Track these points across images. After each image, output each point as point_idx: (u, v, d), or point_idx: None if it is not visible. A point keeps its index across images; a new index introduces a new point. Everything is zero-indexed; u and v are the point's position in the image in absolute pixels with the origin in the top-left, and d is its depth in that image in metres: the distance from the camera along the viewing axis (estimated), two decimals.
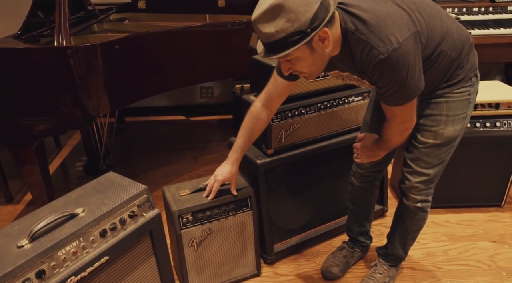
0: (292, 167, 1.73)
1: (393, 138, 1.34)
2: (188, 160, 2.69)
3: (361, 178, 1.64)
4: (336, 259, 1.75)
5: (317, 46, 1.08)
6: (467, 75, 1.29)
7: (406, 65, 1.09)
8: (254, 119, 1.45)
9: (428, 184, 1.44)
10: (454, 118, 1.32)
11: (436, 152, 1.37)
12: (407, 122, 1.26)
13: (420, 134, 1.36)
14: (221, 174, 1.51)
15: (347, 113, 1.80)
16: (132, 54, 1.79)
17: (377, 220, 2.07)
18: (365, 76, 1.19)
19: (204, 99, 3.35)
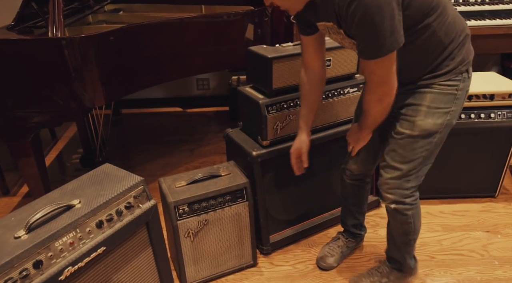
0: (288, 158, 1.73)
1: (372, 106, 1.24)
2: (185, 152, 2.69)
3: (351, 176, 1.63)
4: (331, 250, 1.76)
5: None
6: (457, 69, 1.23)
7: (381, 9, 1.03)
8: (303, 86, 1.47)
9: (401, 182, 1.34)
10: (435, 111, 1.25)
11: (411, 145, 1.29)
12: (385, 84, 1.15)
13: (398, 124, 1.31)
14: (295, 148, 1.53)
15: (343, 105, 1.80)
16: (127, 46, 1.78)
17: (372, 210, 2.09)
18: (343, 25, 1.14)
19: (200, 91, 3.35)
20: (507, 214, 2.06)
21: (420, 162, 1.32)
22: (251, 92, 1.70)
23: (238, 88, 1.77)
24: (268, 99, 1.61)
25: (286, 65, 1.59)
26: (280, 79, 1.61)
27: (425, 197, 2.14)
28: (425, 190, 2.11)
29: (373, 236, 1.92)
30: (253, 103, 1.64)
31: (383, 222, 2.00)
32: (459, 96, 1.27)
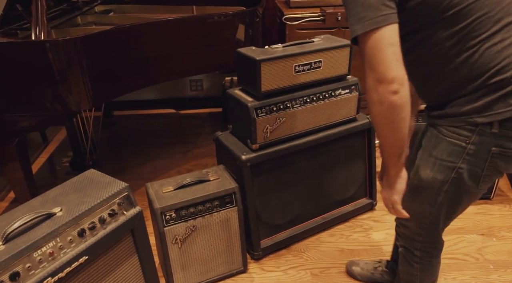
0: (279, 161, 1.71)
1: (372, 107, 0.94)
2: (177, 154, 2.66)
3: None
4: (366, 264, 1.68)
5: None
6: (472, 117, 0.93)
7: None
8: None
9: (411, 233, 1.18)
10: (436, 161, 1.01)
11: (413, 196, 1.09)
12: (373, 70, 0.89)
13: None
14: None
15: (334, 107, 1.77)
16: (116, 48, 1.74)
17: (365, 213, 2.06)
18: None
19: (193, 92, 3.31)
20: (502, 216, 2.03)
21: (427, 217, 1.10)
22: (240, 94, 1.67)
23: (227, 91, 1.74)
24: (257, 102, 1.58)
25: (275, 67, 1.56)
26: (269, 81, 1.58)
27: None
28: None
29: (365, 240, 1.89)
30: (242, 106, 1.61)
31: (376, 226, 1.97)
32: (471, 151, 0.96)
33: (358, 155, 1.95)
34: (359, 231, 1.94)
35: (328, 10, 2.32)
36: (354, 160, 1.95)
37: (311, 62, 1.64)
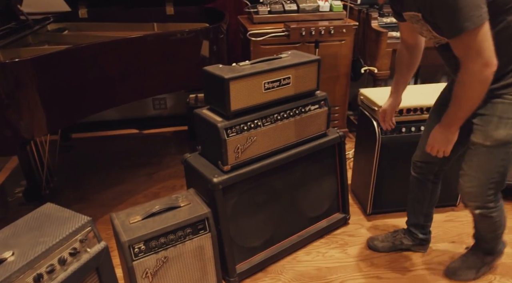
0: (251, 182, 1.65)
1: (469, 87, 1.21)
2: (142, 177, 2.53)
3: (415, 168, 1.70)
4: (385, 237, 1.88)
5: None
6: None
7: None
8: (403, 56, 1.59)
9: (481, 190, 1.41)
10: (507, 121, 1.30)
11: (487, 155, 1.35)
12: (481, 56, 1.15)
13: (472, 134, 1.37)
14: (383, 109, 1.71)
15: (305, 123, 1.75)
16: (72, 69, 1.63)
17: (339, 228, 2.03)
18: (422, 11, 1.23)
19: (157, 110, 3.20)
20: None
21: (497, 171, 1.37)
22: (208, 114, 1.60)
23: (194, 111, 1.67)
24: (227, 122, 1.52)
25: (244, 85, 1.52)
26: (239, 100, 1.53)
27: (390, 210, 2.12)
28: (389, 204, 2.10)
29: (342, 256, 1.86)
30: (211, 127, 1.54)
31: (352, 241, 1.95)
32: None
33: (329, 170, 1.94)
34: (335, 247, 1.91)
35: (292, 26, 2.32)
36: (326, 175, 1.93)
37: (280, 79, 1.61)
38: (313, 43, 2.43)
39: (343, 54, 2.58)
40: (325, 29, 2.36)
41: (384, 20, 2.54)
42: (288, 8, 2.49)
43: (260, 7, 2.48)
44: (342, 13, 2.57)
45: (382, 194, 2.06)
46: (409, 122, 1.94)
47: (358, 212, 2.16)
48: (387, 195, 2.07)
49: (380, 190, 2.04)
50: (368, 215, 2.12)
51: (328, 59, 2.54)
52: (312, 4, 2.52)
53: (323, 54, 2.49)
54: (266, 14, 2.48)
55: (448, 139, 1.38)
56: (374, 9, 2.58)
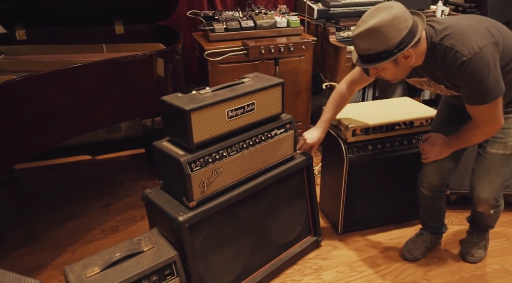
0: (219, 215, 1.55)
1: (476, 138, 1.51)
2: (98, 209, 2.34)
3: (430, 188, 1.76)
4: (416, 243, 1.91)
5: (401, 62, 1.36)
6: None
7: (486, 67, 1.29)
8: (341, 98, 1.79)
9: (498, 193, 1.60)
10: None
11: (506, 162, 1.55)
12: (494, 122, 1.41)
13: (489, 146, 1.55)
14: (310, 138, 1.80)
15: (272, 148, 1.67)
16: (8, 104, 1.45)
17: (312, 252, 1.97)
18: (444, 81, 1.42)
19: (110, 134, 3.00)
20: None
21: (510, 174, 1.59)
22: (169, 147, 1.49)
23: (153, 144, 1.54)
24: (190, 155, 1.41)
25: (206, 115, 1.42)
26: (202, 131, 1.42)
27: (361, 228, 2.10)
28: (360, 222, 2.08)
29: None
30: (173, 161, 1.43)
31: (325, 265, 1.89)
32: None
33: (299, 194, 1.87)
34: (309, 273, 1.85)
35: (251, 44, 2.25)
36: (296, 199, 1.86)
37: (244, 106, 1.53)
38: (273, 60, 2.38)
39: (303, 70, 2.55)
40: (284, 46, 2.31)
41: (342, 35, 2.55)
42: (245, 25, 2.42)
43: (216, 25, 2.39)
44: (300, 29, 2.54)
45: (353, 212, 2.03)
46: (375, 140, 1.93)
47: (329, 232, 2.11)
48: (357, 213, 2.04)
49: (350, 208, 2.01)
50: (340, 234, 2.08)
51: (289, 75, 2.50)
52: (269, 20, 2.47)
53: (283, 71, 2.45)
54: (223, 32, 2.40)
55: (442, 153, 1.64)
56: (331, 24, 2.57)
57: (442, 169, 1.69)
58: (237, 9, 2.59)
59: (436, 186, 1.75)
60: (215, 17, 2.49)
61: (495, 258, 1.91)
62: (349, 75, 1.78)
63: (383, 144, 1.94)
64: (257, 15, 2.48)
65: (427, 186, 1.76)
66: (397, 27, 1.27)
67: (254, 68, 2.40)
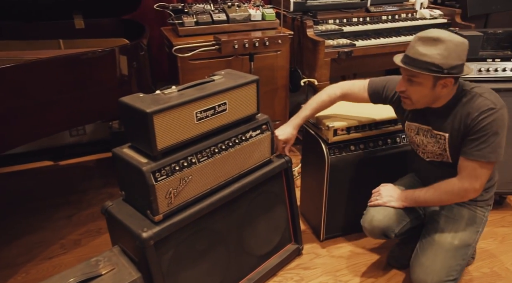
0: (189, 228, 1.39)
1: (447, 193, 1.42)
2: (60, 221, 2.13)
3: (372, 233, 1.61)
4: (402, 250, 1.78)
5: (438, 87, 1.34)
6: (488, 201, 1.54)
7: (504, 125, 1.33)
8: (329, 101, 1.71)
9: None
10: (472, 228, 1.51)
11: (452, 253, 1.47)
12: (476, 183, 1.37)
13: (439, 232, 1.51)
14: (282, 134, 1.68)
15: (247, 152, 1.52)
16: None
17: (293, 261, 1.84)
18: (452, 130, 1.39)
19: (74, 137, 2.78)
20: None
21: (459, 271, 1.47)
22: (130, 155, 1.31)
23: (113, 151, 1.37)
24: (154, 164, 1.25)
25: (171, 118, 1.25)
26: (167, 136, 1.26)
27: (343, 233, 1.97)
28: (342, 227, 1.95)
29: None
30: (134, 171, 1.26)
31: (308, 275, 1.76)
32: (484, 222, 1.55)
33: (277, 199, 1.73)
34: None
35: (223, 38, 2.08)
36: (274, 205, 1.72)
37: (214, 106, 1.37)
38: (247, 56, 2.22)
39: (280, 65, 2.40)
40: (259, 40, 2.16)
41: (320, 28, 2.41)
42: (217, 19, 2.26)
43: (186, 18, 2.21)
44: (275, 22, 2.39)
45: (335, 217, 1.90)
46: (358, 140, 1.81)
47: (311, 238, 1.98)
48: (340, 217, 1.92)
49: (332, 213, 1.88)
50: (322, 241, 1.95)
51: (265, 71, 2.35)
52: (242, 13, 2.31)
53: (258, 67, 2.30)
54: (193, 26, 2.22)
55: (391, 200, 1.56)
56: (308, 17, 2.44)
57: (390, 213, 1.55)
58: (208, 1, 2.42)
59: (379, 232, 1.57)
60: (184, 10, 2.32)
61: (483, 261, 1.82)
62: (348, 84, 1.70)
63: (366, 143, 1.82)
64: (230, 7, 2.32)
65: (369, 230, 1.59)
66: (459, 53, 1.30)
67: (228, 65, 2.24)
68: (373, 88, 1.64)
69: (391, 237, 1.58)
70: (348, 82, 1.72)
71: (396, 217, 1.55)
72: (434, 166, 1.54)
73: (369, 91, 1.64)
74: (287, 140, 1.70)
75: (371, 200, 1.62)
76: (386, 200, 1.57)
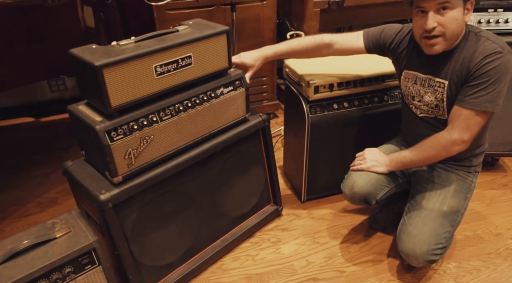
0: (154, 190, 1.33)
1: (434, 148, 1.34)
2: (37, 178, 2.09)
3: (352, 199, 1.53)
4: (383, 212, 1.73)
5: (465, 13, 1.24)
6: (476, 167, 1.48)
7: (507, 72, 1.23)
8: (312, 41, 1.55)
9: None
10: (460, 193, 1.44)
11: (440, 220, 1.40)
12: (466, 134, 1.28)
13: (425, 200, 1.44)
14: (246, 57, 1.54)
15: (217, 110, 1.42)
16: None
17: (272, 222, 1.80)
18: (451, 77, 1.29)
19: (55, 93, 2.69)
20: None
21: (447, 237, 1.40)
22: (85, 113, 1.22)
23: (68, 108, 1.28)
24: (109, 122, 1.16)
25: (126, 72, 1.14)
26: (122, 92, 1.16)
27: (325, 195, 1.91)
28: (324, 188, 1.88)
29: (274, 258, 1.63)
30: (89, 129, 1.17)
31: (285, 236, 1.72)
32: (472, 188, 1.48)
33: (255, 160, 1.66)
34: (267, 246, 1.68)
35: None
36: (251, 166, 1.65)
37: (177, 59, 1.25)
38: (229, 5, 2.06)
39: (266, 17, 2.23)
40: None
41: None
42: None
43: None
44: None
45: (317, 178, 1.84)
46: (341, 97, 1.69)
47: (293, 199, 1.93)
48: (322, 178, 1.85)
49: (314, 173, 1.81)
50: (303, 202, 1.90)
51: (250, 23, 2.19)
52: None
53: (242, 18, 2.14)
54: None
55: (376, 165, 1.47)
56: None
57: (372, 179, 1.47)
58: None
59: (360, 198, 1.50)
60: None
61: (467, 223, 1.77)
62: (339, 35, 1.55)
63: (351, 102, 1.71)
64: None
65: (349, 196, 1.52)
66: None
67: (209, 16, 2.08)
68: (369, 35, 1.51)
69: (372, 203, 1.51)
70: (339, 34, 1.57)
71: (378, 183, 1.47)
72: (425, 124, 1.44)
73: (364, 39, 1.51)
74: (245, 65, 1.54)
75: (354, 163, 1.54)
76: (370, 165, 1.48)
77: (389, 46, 1.47)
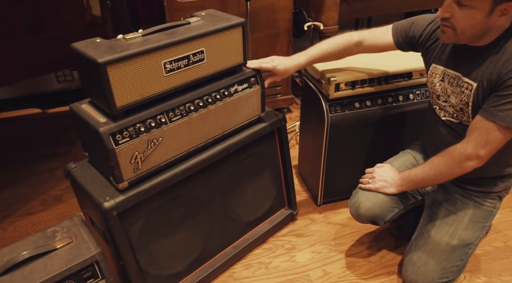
0: (163, 195, 1.23)
1: (444, 165, 1.20)
2: (42, 174, 2.02)
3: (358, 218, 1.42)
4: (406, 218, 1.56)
5: (495, 14, 1.04)
6: (501, 193, 1.31)
7: None
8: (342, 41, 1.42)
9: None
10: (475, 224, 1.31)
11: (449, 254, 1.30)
12: (482, 149, 1.13)
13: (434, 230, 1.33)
14: (279, 64, 1.38)
15: (231, 109, 1.31)
16: None
17: (286, 227, 1.70)
18: (482, 80, 1.12)
19: (62, 84, 2.60)
20: None
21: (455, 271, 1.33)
22: (88, 113, 1.13)
23: (70, 106, 1.18)
24: (114, 124, 1.06)
25: (132, 69, 1.04)
26: (128, 91, 1.05)
27: (342, 198, 1.80)
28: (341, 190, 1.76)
29: (289, 266, 1.53)
30: (92, 131, 1.07)
31: (300, 243, 1.63)
32: (494, 214, 1.33)
33: (269, 161, 1.55)
34: (280, 253, 1.58)
35: None
36: (265, 168, 1.55)
37: (188, 55, 1.14)
38: None
39: (282, 6, 2.10)
40: None
41: None
42: None
43: None
44: None
45: (335, 180, 1.73)
46: (364, 96, 1.57)
47: (308, 202, 1.82)
48: (341, 181, 1.74)
49: (332, 175, 1.70)
50: (319, 205, 1.79)
51: (264, 13, 2.06)
52: None
53: (257, 7, 2.01)
54: None
55: (385, 185, 1.35)
56: None
57: (380, 200, 1.35)
58: None
59: (366, 220, 1.40)
60: None
61: (497, 233, 1.65)
62: (366, 31, 1.42)
63: (374, 100, 1.59)
64: None
65: (355, 216, 1.42)
66: None
67: (222, 5, 1.96)
68: (399, 27, 1.37)
69: (379, 224, 1.40)
70: (366, 30, 1.44)
71: (386, 205, 1.35)
72: (447, 130, 1.29)
73: (393, 32, 1.38)
74: (276, 71, 1.38)
75: (362, 181, 1.41)
76: (379, 185, 1.36)
77: (419, 38, 1.33)
